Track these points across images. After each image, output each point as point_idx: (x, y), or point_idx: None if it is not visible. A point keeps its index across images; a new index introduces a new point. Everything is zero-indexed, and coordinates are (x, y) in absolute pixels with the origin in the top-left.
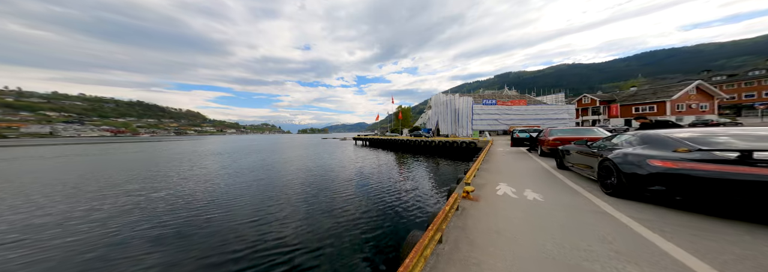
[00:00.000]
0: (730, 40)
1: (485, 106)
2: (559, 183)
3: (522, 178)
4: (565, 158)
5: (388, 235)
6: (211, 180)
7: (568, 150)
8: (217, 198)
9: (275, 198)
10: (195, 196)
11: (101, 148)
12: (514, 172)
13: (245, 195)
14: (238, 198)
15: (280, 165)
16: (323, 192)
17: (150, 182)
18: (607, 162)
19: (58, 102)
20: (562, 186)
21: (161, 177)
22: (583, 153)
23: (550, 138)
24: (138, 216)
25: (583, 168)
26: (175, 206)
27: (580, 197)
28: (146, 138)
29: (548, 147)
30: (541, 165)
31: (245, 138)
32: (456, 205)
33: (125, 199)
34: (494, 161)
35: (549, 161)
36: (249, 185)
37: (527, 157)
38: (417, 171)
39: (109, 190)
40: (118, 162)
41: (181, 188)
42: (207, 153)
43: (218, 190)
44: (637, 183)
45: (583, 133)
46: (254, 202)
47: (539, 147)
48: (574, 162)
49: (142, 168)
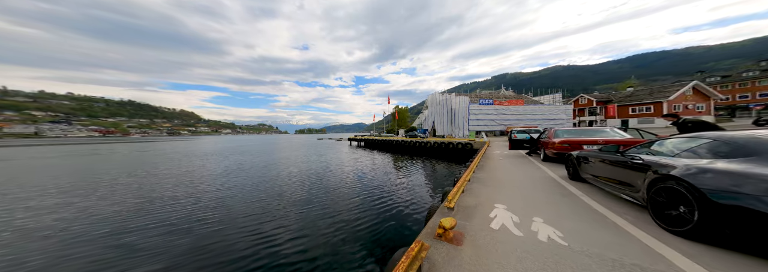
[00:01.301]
0: (718, 44)
1: (482, 105)
2: (580, 206)
3: (526, 195)
4: (581, 167)
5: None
6: (159, 190)
7: (586, 157)
8: (141, 214)
9: (239, 214)
10: (111, 214)
11: (71, 150)
12: (516, 185)
13: (185, 209)
14: (174, 216)
15: (258, 170)
16: (296, 204)
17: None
18: (673, 184)
19: (44, 101)
20: (586, 211)
21: (87, 185)
22: (614, 164)
23: (555, 140)
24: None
25: (613, 184)
26: (74, 232)
27: (626, 236)
28: (136, 139)
29: (554, 151)
30: (547, 174)
31: (238, 139)
32: (417, 267)
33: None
34: (490, 167)
35: (555, 168)
36: (210, 194)
37: (528, 162)
38: (408, 175)
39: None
40: (55, 168)
41: (97, 205)
42: (184, 155)
43: (152, 206)
44: (748, 225)
45: (595, 134)
46: (208, 219)
47: (542, 151)
48: (596, 174)
49: (79, 174)
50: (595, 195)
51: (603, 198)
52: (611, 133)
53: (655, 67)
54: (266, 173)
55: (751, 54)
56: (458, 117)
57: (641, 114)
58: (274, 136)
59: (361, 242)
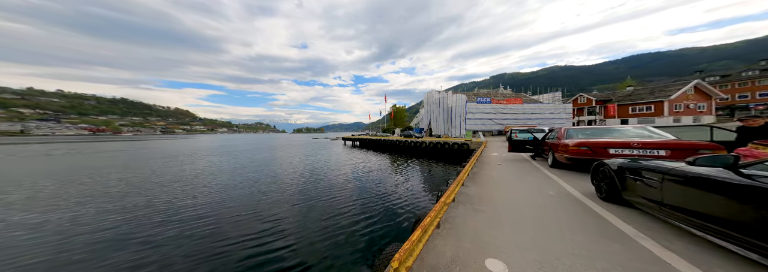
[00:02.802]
0: (711, 45)
1: (479, 104)
2: (648, 263)
3: (540, 235)
4: (627, 185)
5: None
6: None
7: (639, 171)
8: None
9: (171, 238)
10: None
11: (42, 149)
12: (521, 211)
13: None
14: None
15: (237, 172)
16: (261, 221)
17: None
18: None
19: (33, 98)
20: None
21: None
22: (721, 190)
23: (568, 142)
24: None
25: (710, 225)
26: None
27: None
28: (128, 138)
29: (570, 156)
30: (563, 189)
31: (231, 138)
32: None
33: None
34: (485, 178)
35: (571, 177)
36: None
37: (533, 169)
38: (397, 180)
39: None
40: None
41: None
42: (160, 156)
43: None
44: None
45: (624, 134)
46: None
47: (550, 155)
48: (669, 201)
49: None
50: (666, 234)
51: (687, 242)
52: (646, 132)
53: (650, 67)
54: (237, 179)
55: (744, 55)
56: (455, 116)
57: (641, 113)
58: (270, 135)
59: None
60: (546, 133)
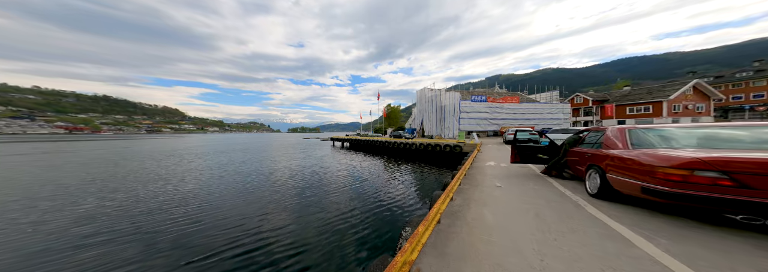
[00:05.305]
0: (693, 50)
1: (474, 102)
2: None
3: None
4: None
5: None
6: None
7: None
8: None
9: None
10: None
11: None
12: None
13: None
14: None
15: (200, 176)
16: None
17: None
18: None
19: (6, 95)
20: None
21: None
22: None
23: (653, 156)
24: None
25: None
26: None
27: None
28: (106, 137)
29: (663, 187)
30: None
31: (219, 138)
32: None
33: None
34: (472, 220)
35: (667, 233)
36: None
37: (564, 201)
38: (376, 191)
39: None
40: None
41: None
42: (109, 160)
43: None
44: None
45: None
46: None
47: (594, 175)
48: None
49: None
50: None
51: None
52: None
53: (636, 71)
54: (191, 188)
55: (723, 60)
56: (448, 115)
57: (639, 114)
58: (261, 135)
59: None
60: (576, 135)
